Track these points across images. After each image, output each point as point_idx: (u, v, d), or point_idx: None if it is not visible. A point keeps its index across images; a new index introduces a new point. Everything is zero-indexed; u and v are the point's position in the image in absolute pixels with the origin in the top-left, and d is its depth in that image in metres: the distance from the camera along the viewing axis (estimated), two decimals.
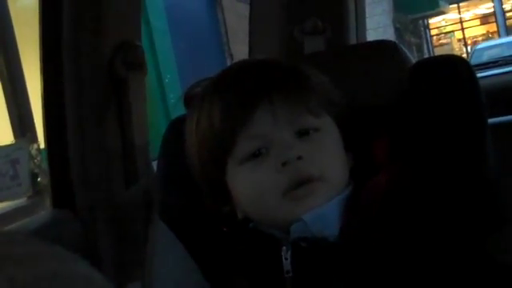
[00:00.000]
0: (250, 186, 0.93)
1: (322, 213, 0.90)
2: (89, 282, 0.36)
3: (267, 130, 0.91)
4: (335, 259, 0.89)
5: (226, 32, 9.59)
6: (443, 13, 20.04)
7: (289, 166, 0.90)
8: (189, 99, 1.08)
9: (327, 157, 0.93)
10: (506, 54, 7.10)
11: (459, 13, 22.19)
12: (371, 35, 1.76)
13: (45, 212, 1.43)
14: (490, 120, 1.06)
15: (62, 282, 0.34)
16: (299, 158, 0.90)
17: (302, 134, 0.93)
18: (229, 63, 9.44)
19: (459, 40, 22.85)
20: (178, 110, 1.25)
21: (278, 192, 0.90)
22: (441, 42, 22.90)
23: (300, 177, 0.90)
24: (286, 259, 0.91)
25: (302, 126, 0.93)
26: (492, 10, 21.10)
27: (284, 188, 0.90)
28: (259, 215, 0.94)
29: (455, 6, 21.30)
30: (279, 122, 0.91)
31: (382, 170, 0.95)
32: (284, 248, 0.91)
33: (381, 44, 1.24)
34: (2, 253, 0.35)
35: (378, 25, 14.68)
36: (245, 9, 2.18)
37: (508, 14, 20.65)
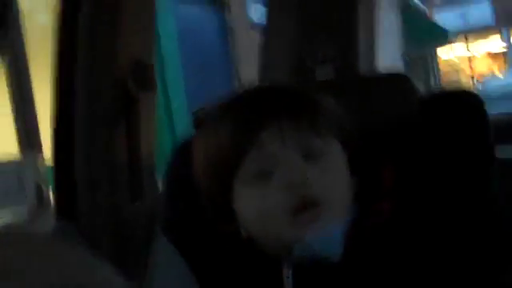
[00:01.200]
0: (255, 206, 0.93)
1: (325, 234, 0.90)
2: (111, 285, 0.36)
3: (274, 151, 0.92)
4: (336, 280, 0.90)
5: (237, 58, 9.63)
6: (452, 48, 20.12)
7: (295, 188, 0.90)
8: (198, 120, 1.08)
9: (333, 181, 0.93)
10: None
11: (468, 49, 22.29)
12: (380, 67, 1.77)
13: (48, 224, 1.43)
14: (501, 156, 1.07)
15: (90, 286, 0.35)
16: (305, 180, 0.90)
17: (309, 157, 0.93)
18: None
19: (468, 76, 22.92)
20: (185, 133, 1.26)
21: (282, 214, 0.90)
22: (449, 77, 22.97)
23: (305, 200, 0.90)
24: (288, 277, 0.91)
25: (309, 149, 0.93)
26: (503, 49, 21.22)
27: (289, 210, 0.90)
28: (262, 235, 0.95)
29: (464, 41, 21.40)
30: (287, 143, 0.92)
31: (387, 196, 0.96)
32: (285, 267, 0.92)
33: (393, 77, 1.25)
34: (28, 253, 0.35)
35: (387, 57, 14.73)
36: (256, 36, 2.20)
37: None
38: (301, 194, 0.90)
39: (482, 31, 19.39)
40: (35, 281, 0.33)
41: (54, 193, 1.37)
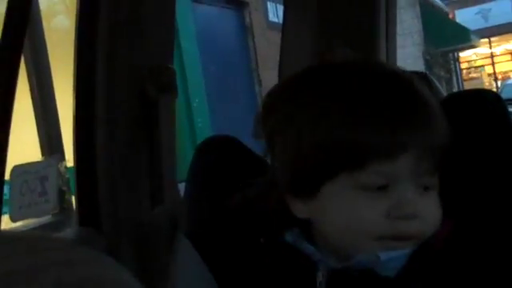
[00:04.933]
0: (347, 214, 0.87)
1: (398, 255, 0.86)
2: (130, 287, 0.37)
3: (400, 173, 0.85)
4: None
5: (256, 58, 9.64)
6: (474, 47, 19.96)
7: (401, 219, 0.85)
8: (269, 103, 0.97)
9: (436, 216, 0.88)
10: None
11: (490, 47, 22.12)
12: (400, 66, 1.76)
13: (70, 229, 1.43)
14: None
15: (107, 286, 0.35)
16: (415, 216, 0.85)
17: (424, 189, 0.87)
18: (257, 90, 9.49)
19: (489, 75, 22.74)
20: (205, 134, 1.24)
21: (374, 235, 0.86)
22: (471, 76, 22.80)
23: (406, 234, 0.86)
24: (321, 283, 0.88)
25: (427, 182, 0.88)
26: None
27: (383, 235, 0.85)
28: (335, 241, 0.89)
29: (486, 40, 21.23)
30: (414, 170, 0.85)
31: (447, 215, 0.91)
32: (319, 272, 0.89)
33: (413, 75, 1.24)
34: (48, 256, 0.36)
35: (407, 56, 14.67)
36: (276, 36, 2.20)
37: None
38: (405, 228, 0.85)
39: (503, 29, 19.21)
40: (48, 280, 0.33)
41: (76, 198, 1.38)
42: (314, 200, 0.89)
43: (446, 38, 17.22)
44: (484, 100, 1.07)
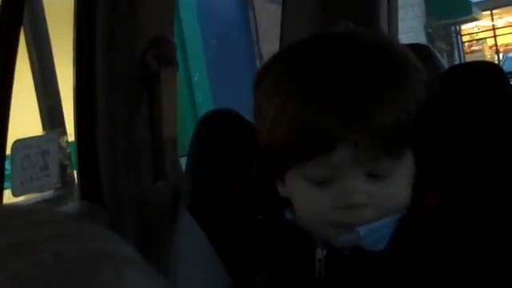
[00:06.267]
0: (301, 203, 0.89)
1: (378, 227, 0.86)
2: (131, 262, 0.37)
3: (340, 164, 0.83)
4: (373, 267, 0.87)
5: (257, 31, 9.60)
6: (476, 19, 19.87)
7: (347, 209, 0.85)
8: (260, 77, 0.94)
9: (397, 201, 0.87)
10: None
11: (492, 20, 22.00)
12: (402, 39, 1.75)
13: (72, 204, 1.44)
14: None
15: (106, 259, 0.35)
16: (364, 204, 0.84)
17: (375, 176, 0.85)
18: (258, 63, 9.46)
19: (491, 47, 22.64)
20: (206, 108, 1.24)
21: (327, 223, 0.86)
22: (472, 48, 22.70)
23: (354, 224, 0.85)
24: (320, 260, 0.89)
25: (373, 169, 0.85)
26: None
27: (334, 223, 0.86)
28: (304, 225, 0.91)
29: (488, 12, 21.11)
30: (356, 158, 0.83)
31: (436, 184, 0.90)
32: (318, 249, 0.89)
33: (414, 47, 1.23)
34: (48, 229, 0.36)
35: (409, 29, 14.59)
36: (276, 9, 2.18)
37: None
38: (355, 216, 0.85)
39: (506, 1, 19.08)
40: (47, 253, 0.34)
41: (77, 172, 1.38)
42: (285, 183, 0.91)
43: (447, 10, 17.13)
44: (486, 72, 1.06)
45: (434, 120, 0.94)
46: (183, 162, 1.23)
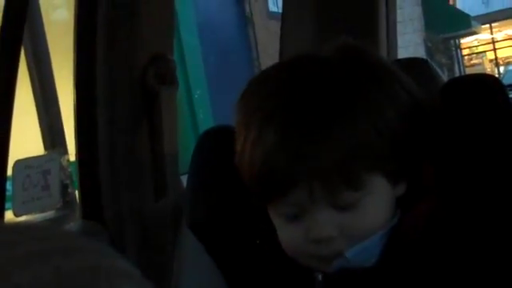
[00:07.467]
0: (282, 235, 0.89)
1: (365, 247, 0.85)
2: (129, 277, 0.37)
3: (304, 200, 0.83)
4: (369, 283, 0.87)
5: (257, 48, 9.63)
6: (475, 33, 19.89)
7: (322, 242, 0.84)
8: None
9: (363, 228, 0.86)
10: None
11: (491, 33, 22.04)
12: (401, 53, 1.75)
13: (73, 223, 1.44)
14: None
15: (105, 274, 0.35)
16: (332, 237, 0.84)
17: (342, 207, 0.84)
18: None
19: (491, 60, 22.66)
20: (207, 125, 1.24)
21: (305, 255, 0.87)
22: (472, 62, 22.72)
23: (326, 256, 0.85)
24: (320, 281, 0.89)
25: (340, 201, 0.84)
26: None
27: (311, 255, 0.86)
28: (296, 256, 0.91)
29: (487, 26, 21.15)
30: (320, 193, 0.82)
31: (426, 195, 0.90)
32: (319, 274, 0.89)
33: (413, 61, 1.23)
34: (48, 245, 0.36)
35: (408, 43, 14.63)
36: (276, 26, 2.19)
37: None
38: (326, 248, 0.85)
39: (504, 14, 19.14)
40: (47, 268, 0.34)
41: (79, 192, 1.38)
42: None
43: (446, 24, 17.16)
44: (485, 85, 1.06)
45: (434, 132, 0.94)
46: (184, 179, 1.23)
